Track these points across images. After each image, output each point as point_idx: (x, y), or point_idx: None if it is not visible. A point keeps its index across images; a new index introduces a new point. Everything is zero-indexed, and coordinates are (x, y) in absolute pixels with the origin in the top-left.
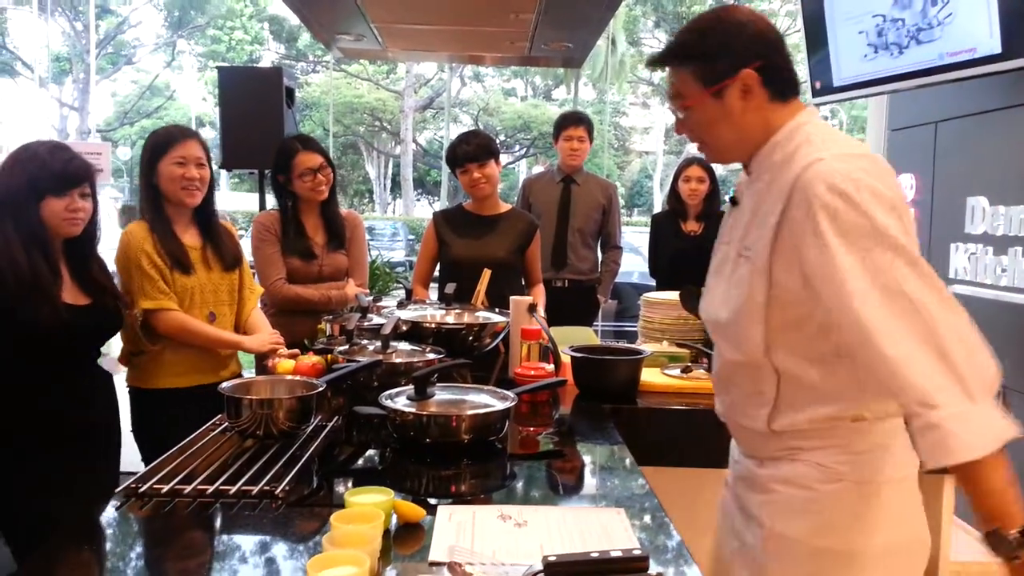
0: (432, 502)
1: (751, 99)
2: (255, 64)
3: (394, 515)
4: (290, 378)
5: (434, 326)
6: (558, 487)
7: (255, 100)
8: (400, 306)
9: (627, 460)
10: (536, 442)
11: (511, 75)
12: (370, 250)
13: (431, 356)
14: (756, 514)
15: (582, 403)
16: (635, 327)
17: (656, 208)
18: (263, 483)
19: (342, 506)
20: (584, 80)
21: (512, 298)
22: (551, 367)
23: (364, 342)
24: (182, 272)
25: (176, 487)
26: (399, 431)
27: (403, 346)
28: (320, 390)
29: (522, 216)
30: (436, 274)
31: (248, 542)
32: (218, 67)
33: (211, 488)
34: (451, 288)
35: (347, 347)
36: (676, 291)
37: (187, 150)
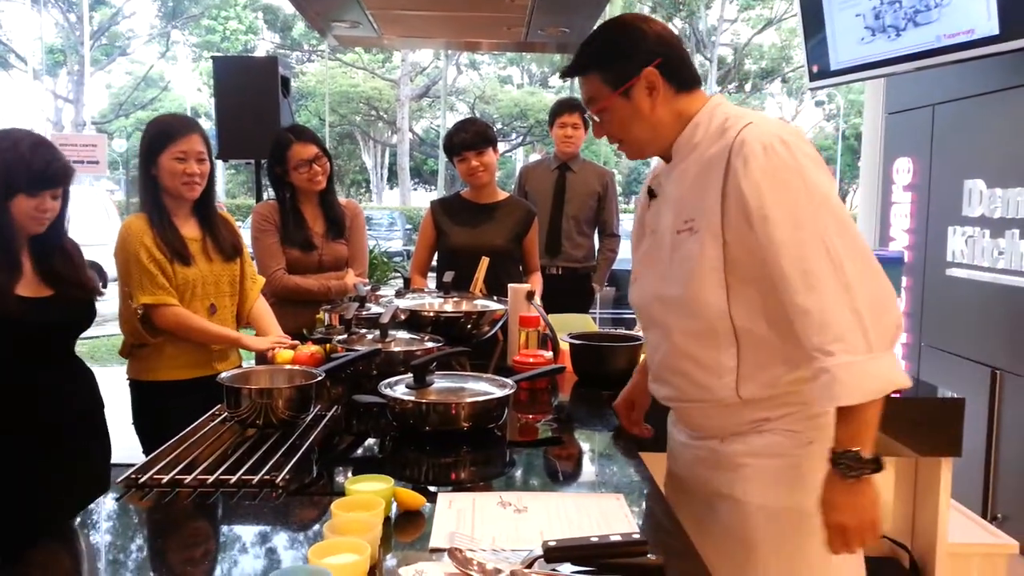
0: (432, 490)
1: (657, 95)
2: (250, 54)
3: (394, 503)
4: (289, 367)
5: (432, 314)
6: (557, 474)
7: (251, 90)
8: (398, 295)
9: (625, 446)
10: (535, 429)
11: (507, 63)
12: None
13: (430, 344)
14: (728, 492)
15: (581, 390)
16: (633, 314)
17: None
18: (263, 472)
19: (342, 494)
20: None
21: (510, 286)
22: (550, 354)
23: (363, 331)
24: (182, 264)
25: (176, 477)
26: (398, 419)
27: (402, 335)
28: (319, 379)
29: (520, 204)
30: (434, 263)
31: (249, 531)
32: (213, 57)
33: (211, 478)
34: (449, 276)
35: (346, 336)
36: None
37: (188, 144)
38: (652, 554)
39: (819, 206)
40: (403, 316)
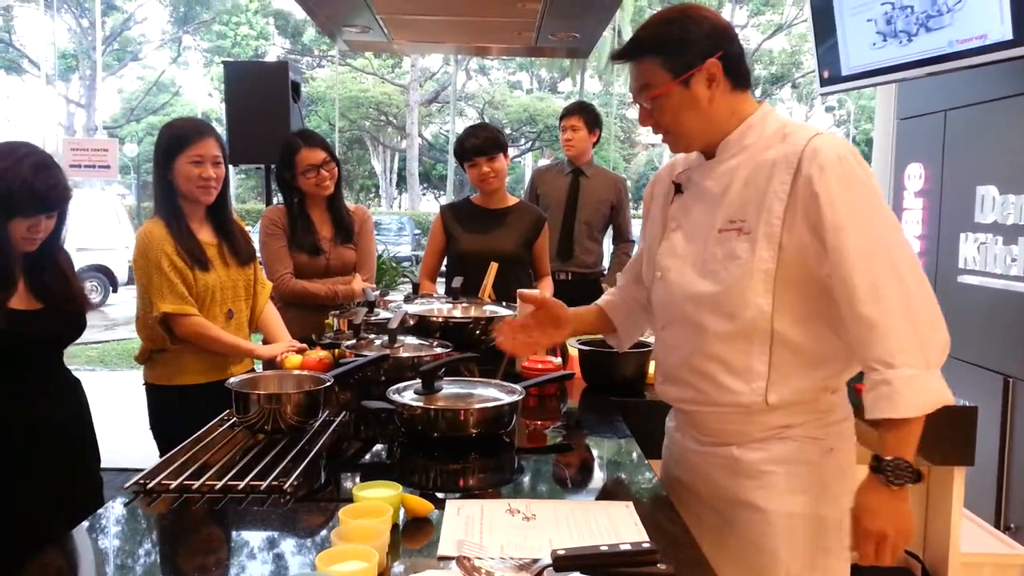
0: (440, 496)
1: (715, 87)
2: (261, 59)
3: (402, 510)
4: (298, 373)
5: (441, 320)
6: (566, 481)
7: (261, 95)
8: (407, 300)
9: (635, 453)
10: (544, 436)
11: (516, 68)
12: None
13: (438, 350)
14: (748, 500)
15: (590, 396)
16: None
17: None
18: (271, 478)
19: (350, 501)
20: (590, 72)
21: (519, 291)
22: (559, 360)
23: (371, 336)
24: (202, 270)
25: (185, 482)
26: (407, 425)
27: (410, 340)
28: (327, 385)
29: (530, 209)
30: (443, 268)
31: (257, 537)
32: (224, 62)
33: (220, 483)
34: (458, 282)
35: (354, 342)
36: None
37: (204, 149)
38: (662, 563)
39: (887, 222)
40: (412, 321)
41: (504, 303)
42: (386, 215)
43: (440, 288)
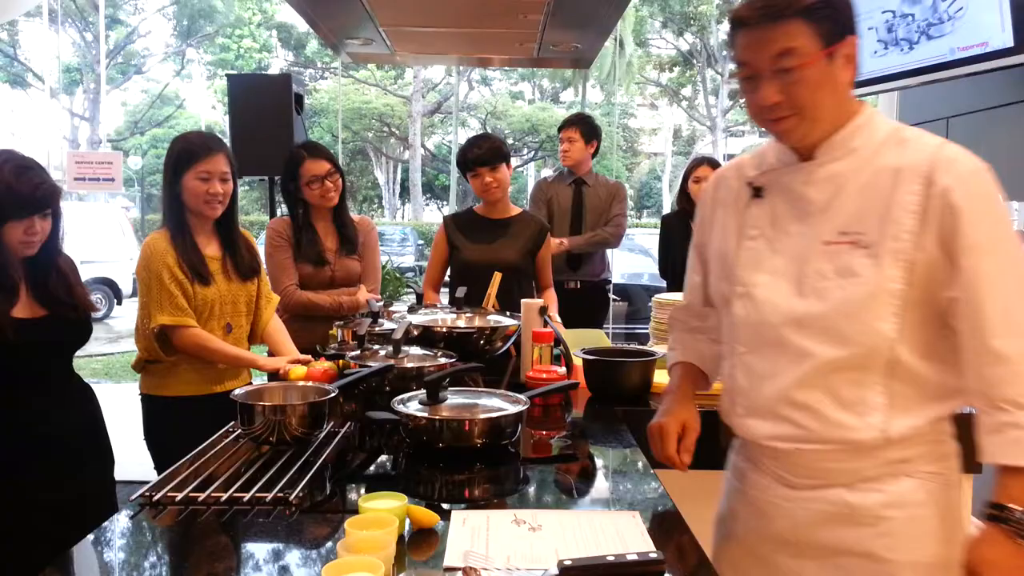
0: (446, 507)
1: (849, 70)
2: (264, 71)
3: (408, 520)
4: (302, 384)
5: (445, 330)
6: (572, 491)
7: (265, 107)
8: (411, 311)
9: (640, 463)
10: (549, 446)
11: (518, 78)
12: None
13: (443, 360)
14: (866, 550)
15: (595, 405)
16: (646, 329)
17: (665, 209)
18: (277, 490)
19: (356, 512)
20: (592, 82)
21: (523, 301)
22: (563, 370)
23: (376, 347)
24: (202, 283)
25: (190, 495)
26: (412, 436)
27: (415, 351)
28: (332, 396)
29: (533, 219)
30: (447, 278)
31: (262, 549)
32: (228, 75)
33: (225, 495)
34: (462, 292)
35: (359, 352)
36: None
37: (212, 165)
38: (669, 573)
39: (1019, 246)
40: (416, 332)
41: (508, 313)
42: (389, 226)
43: (444, 298)
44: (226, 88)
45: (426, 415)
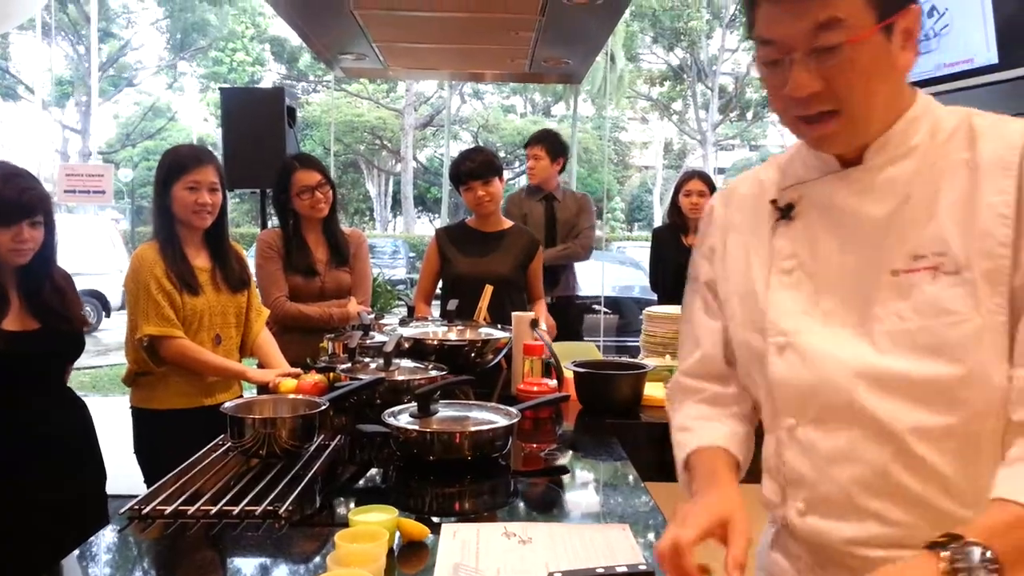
0: (436, 520)
1: (909, 50)
2: (256, 84)
3: (398, 534)
4: (293, 397)
5: (436, 343)
6: (562, 504)
7: (257, 120)
8: (402, 323)
9: (631, 476)
10: (540, 458)
11: (510, 92)
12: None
13: (434, 373)
14: None
15: (585, 418)
16: (637, 342)
17: (656, 222)
18: (266, 503)
19: (346, 525)
20: (583, 96)
21: (514, 314)
22: (554, 383)
23: (366, 360)
24: (191, 294)
25: (180, 508)
26: (402, 449)
27: (406, 363)
28: (323, 408)
29: (524, 232)
30: (438, 291)
31: (252, 563)
32: (221, 88)
33: (215, 509)
34: (453, 305)
35: (349, 365)
36: (678, 305)
37: (201, 175)
38: None
39: None
40: (407, 344)
41: (499, 326)
42: (381, 238)
43: (435, 311)
44: (218, 101)
45: (417, 428)
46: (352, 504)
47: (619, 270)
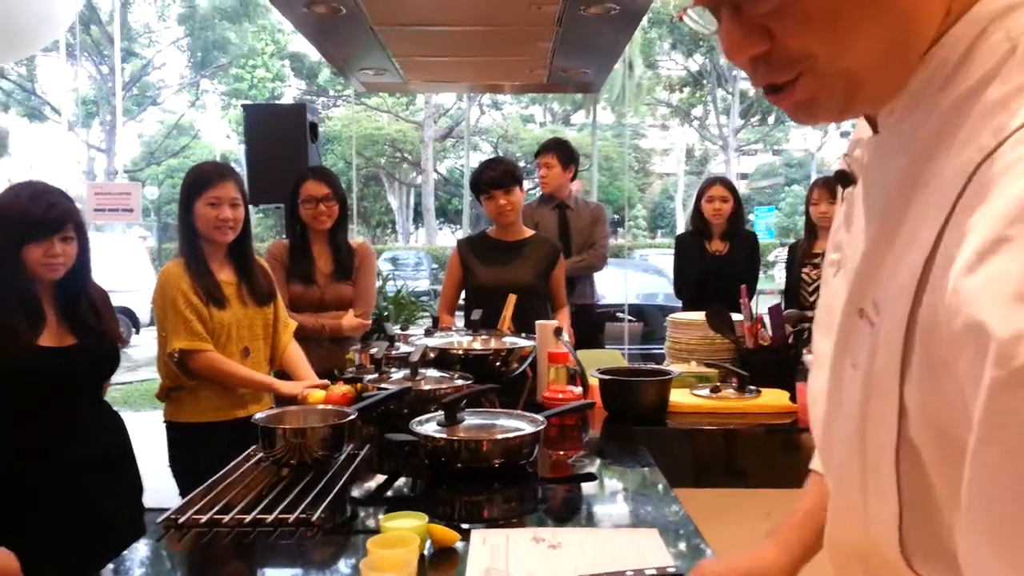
0: (465, 527)
1: None
2: (277, 100)
3: (429, 539)
4: (321, 407)
5: (462, 352)
6: (590, 510)
7: (280, 135)
8: (427, 334)
9: (660, 484)
10: (567, 465)
11: (529, 102)
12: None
13: (459, 382)
14: None
15: (611, 425)
16: (662, 349)
17: (679, 229)
18: (299, 511)
19: (377, 532)
20: (602, 104)
21: (538, 322)
22: (579, 390)
23: (393, 370)
24: (218, 307)
25: (214, 517)
26: (430, 457)
27: (432, 373)
28: (351, 418)
29: (545, 241)
30: (462, 301)
31: (286, 570)
32: (244, 105)
33: (248, 517)
34: (477, 314)
35: (376, 376)
36: (702, 311)
37: (222, 191)
38: None
39: None
40: (432, 355)
41: (523, 334)
42: (403, 250)
43: (459, 321)
44: (240, 117)
45: (444, 436)
46: (382, 511)
47: (642, 278)
